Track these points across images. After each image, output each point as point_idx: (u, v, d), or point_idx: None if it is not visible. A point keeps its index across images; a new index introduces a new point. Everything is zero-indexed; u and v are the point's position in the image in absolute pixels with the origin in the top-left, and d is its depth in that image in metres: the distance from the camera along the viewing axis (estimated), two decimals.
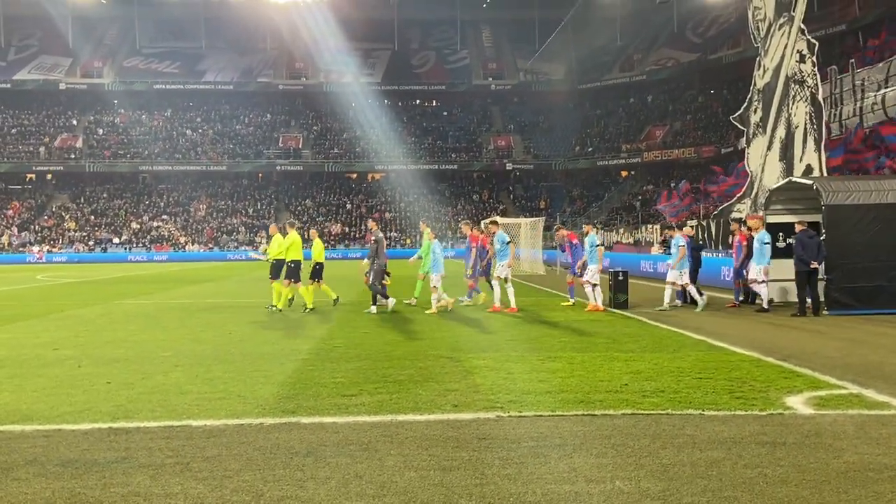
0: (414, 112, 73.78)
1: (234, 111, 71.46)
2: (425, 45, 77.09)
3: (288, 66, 72.62)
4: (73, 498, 4.28)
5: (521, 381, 7.46)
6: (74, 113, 69.75)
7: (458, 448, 5.18)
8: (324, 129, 70.45)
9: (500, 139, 69.80)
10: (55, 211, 63.67)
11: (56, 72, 69.41)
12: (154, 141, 67.19)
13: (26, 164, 64.67)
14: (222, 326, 12.62)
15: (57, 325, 13.14)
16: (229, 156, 66.34)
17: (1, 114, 68.70)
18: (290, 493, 4.35)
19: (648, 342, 10.20)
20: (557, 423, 5.85)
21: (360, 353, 9.42)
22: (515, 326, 12.38)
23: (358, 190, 68.35)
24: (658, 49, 68.85)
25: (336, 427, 5.78)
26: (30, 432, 5.71)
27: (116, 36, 74.17)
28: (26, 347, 10.26)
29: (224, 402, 6.67)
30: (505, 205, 64.82)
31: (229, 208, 64.29)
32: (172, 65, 72.08)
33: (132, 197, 65.64)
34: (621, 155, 63.60)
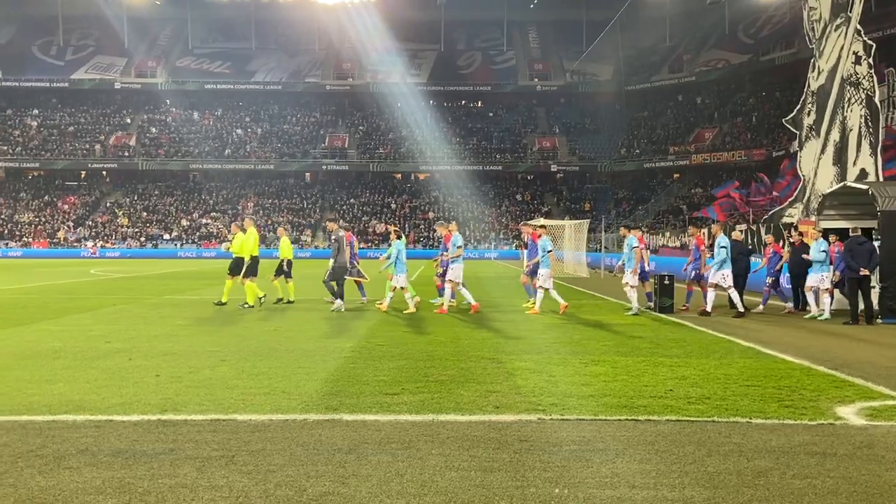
0: (459, 113, 73.85)
1: (282, 111, 72.44)
2: (471, 46, 77.12)
3: (335, 66, 73.36)
4: (123, 487, 4.39)
5: (563, 384, 7.41)
6: (128, 112, 71.50)
7: (500, 450, 5.17)
8: (370, 130, 70.97)
9: (545, 140, 69.44)
10: (108, 207, 65.33)
11: (111, 71, 71.26)
12: (204, 140, 68.51)
13: (82, 161, 66.50)
14: (267, 323, 12.81)
15: (109, 318, 13.49)
16: (277, 155, 67.27)
17: (58, 112, 70.78)
18: (332, 489, 4.39)
19: (694, 347, 10.03)
20: (600, 427, 5.80)
21: (402, 352, 9.47)
22: (558, 329, 12.30)
23: (402, 190, 68.68)
24: (708, 50, 67.72)
25: (378, 425, 5.82)
26: (82, 422, 5.87)
27: (170, 36, 75.85)
28: (80, 340, 10.54)
29: (269, 397, 6.76)
30: (549, 206, 64.47)
31: (276, 207, 65.18)
32: (223, 65, 73.40)
33: (182, 194, 67.00)
34: (668, 157, 62.71)
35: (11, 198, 65.38)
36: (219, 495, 4.28)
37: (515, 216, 62.50)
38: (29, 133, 68.30)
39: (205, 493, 4.30)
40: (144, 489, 4.36)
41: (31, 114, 70.35)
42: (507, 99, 73.87)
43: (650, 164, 64.17)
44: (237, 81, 71.93)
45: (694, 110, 67.48)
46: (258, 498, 4.24)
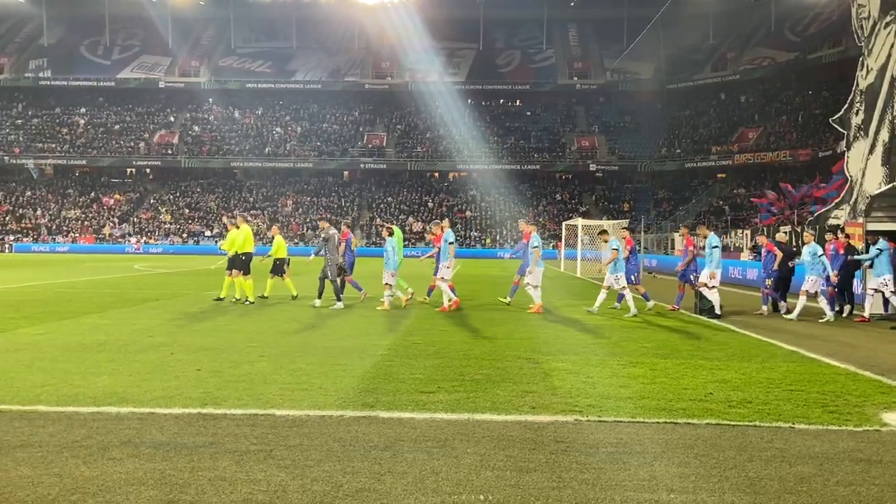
0: (497, 111, 73.69)
1: (321, 110, 73.07)
2: (510, 45, 76.88)
3: (374, 65, 73.75)
4: (164, 479, 4.47)
5: (600, 386, 7.34)
6: (172, 110, 72.80)
7: (535, 450, 5.15)
8: (408, 128, 71.21)
9: (584, 140, 68.93)
10: (152, 204, 66.58)
11: (156, 71, 72.62)
12: (245, 138, 69.43)
13: (127, 158, 67.89)
14: (305, 320, 12.93)
15: (152, 313, 13.75)
16: (316, 153, 67.88)
17: (105, 111, 72.37)
18: (368, 485, 4.41)
19: (736, 350, 9.87)
20: (638, 429, 5.74)
21: (438, 350, 9.48)
22: (596, 330, 12.20)
23: (440, 188, 68.78)
24: (753, 48, 66.55)
25: (414, 423, 5.83)
26: (125, 414, 5.99)
27: (213, 36, 77.03)
28: (124, 333, 10.76)
29: (307, 393, 6.83)
30: (587, 206, 63.98)
31: (314, 205, 65.78)
32: (264, 64, 74.30)
33: (224, 192, 68.00)
34: (711, 157, 61.76)
35: (59, 194, 67.03)
36: (257, 489, 4.33)
37: (553, 216, 62.16)
38: (76, 131, 69.97)
39: (243, 487, 4.35)
40: (185, 481, 4.44)
41: (79, 112, 72.04)
42: (546, 98, 73.47)
43: (691, 164, 63.26)
44: (278, 80, 72.75)
45: (737, 109, 66.36)
46: (295, 492, 4.28)
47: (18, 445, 5.09)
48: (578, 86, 72.97)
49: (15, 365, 8.06)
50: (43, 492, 4.24)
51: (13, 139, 68.19)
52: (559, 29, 76.81)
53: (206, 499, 4.17)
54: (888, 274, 13.49)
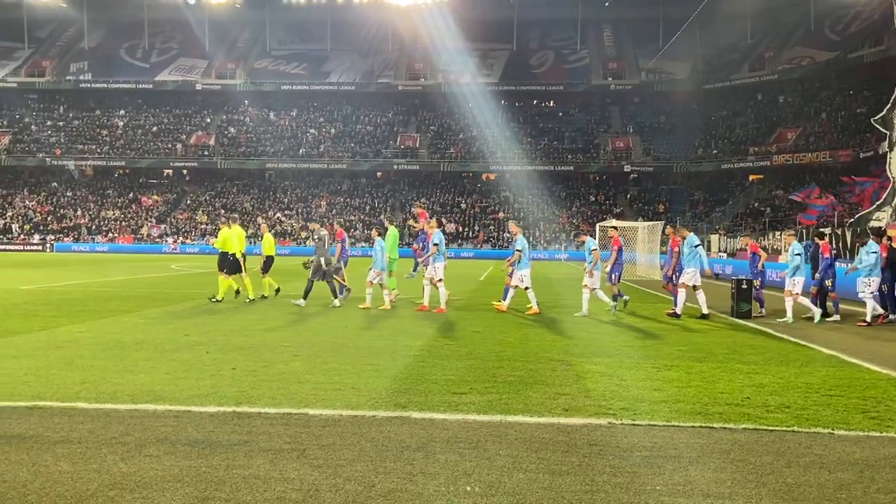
0: (531, 112, 73.44)
1: (355, 111, 73.51)
2: (544, 45, 76.58)
3: (408, 67, 74.00)
4: (199, 476, 4.52)
5: (634, 389, 7.27)
6: (208, 112, 73.83)
7: (568, 453, 5.11)
8: (441, 129, 71.30)
9: (618, 140, 68.37)
10: (189, 204, 67.58)
11: (193, 73, 73.71)
12: (280, 139, 70.15)
13: (164, 159, 69.01)
14: (338, 320, 13.01)
15: (188, 312, 13.95)
16: (349, 154, 68.30)
17: (143, 113, 73.65)
18: (401, 485, 4.42)
19: (773, 355, 9.70)
20: (673, 433, 5.66)
21: (470, 352, 9.47)
22: (629, 332, 12.09)
23: (472, 190, 68.75)
24: (792, 47, 65.43)
25: (446, 424, 5.83)
26: (162, 412, 6.08)
27: (248, 39, 77.96)
28: (161, 332, 10.93)
29: (339, 392, 6.87)
30: (621, 207, 63.46)
31: (347, 205, 66.20)
32: (299, 66, 74.99)
33: (258, 193, 68.77)
34: (748, 158, 60.84)
35: (99, 194, 68.37)
36: (290, 487, 4.36)
37: (587, 217, 61.77)
38: (116, 133, 71.30)
39: (277, 485, 4.39)
40: (220, 479, 4.49)
41: (118, 114, 73.40)
42: (580, 98, 73.04)
43: (728, 165, 62.38)
44: (312, 82, 73.36)
45: (776, 109, 65.28)
46: (328, 491, 4.31)
47: (58, 441, 5.19)
48: (613, 86, 72.40)
49: (56, 362, 8.23)
50: (82, 487, 4.32)
51: (54, 141, 69.72)
52: (594, 29, 76.32)
53: (240, 496, 4.21)
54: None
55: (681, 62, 69.36)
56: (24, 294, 17.54)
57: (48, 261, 40.54)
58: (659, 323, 13.49)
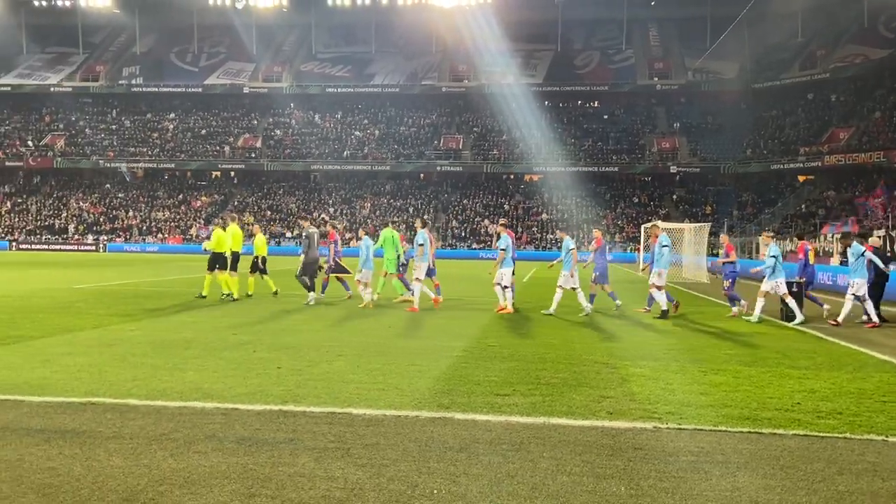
0: (575, 113, 72.91)
1: (398, 113, 73.89)
2: (589, 46, 75.96)
3: (451, 68, 74.11)
4: (246, 473, 4.60)
5: (680, 393, 7.16)
6: (255, 115, 74.98)
7: (613, 456, 5.06)
8: (484, 131, 71.24)
9: (664, 141, 67.44)
10: (236, 206, 68.74)
11: (241, 77, 74.95)
12: (324, 141, 70.88)
13: (213, 162, 70.30)
14: (381, 320, 13.09)
15: (236, 311, 14.18)
16: (393, 156, 68.68)
17: (192, 116, 75.14)
18: (444, 486, 4.43)
19: (825, 359, 9.46)
20: (720, 438, 5.57)
21: (513, 353, 9.44)
22: (675, 336, 11.92)
23: (515, 191, 68.53)
24: (844, 45, 63.73)
25: (489, 425, 5.82)
26: (210, 409, 6.20)
27: (294, 42, 78.97)
28: (209, 331, 11.14)
29: (383, 392, 6.91)
30: (667, 209, 62.59)
31: (391, 206, 66.56)
32: (344, 69, 75.68)
33: (303, 194, 69.58)
34: (798, 158, 59.42)
35: (149, 196, 69.96)
36: (334, 486, 4.41)
37: (631, 218, 61.07)
38: (166, 136, 72.88)
39: (321, 484, 4.44)
40: (266, 476, 4.55)
41: (168, 117, 75.02)
42: (625, 99, 72.24)
43: (777, 166, 61.01)
44: (357, 85, 73.96)
45: (827, 109, 63.64)
46: (371, 491, 4.34)
47: (110, 437, 5.33)
48: (659, 86, 71.43)
49: (108, 359, 8.45)
50: (133, 482, 4.42)
51: (107, 144, 71.56)
52: (639, 28, 75.44)
53: (285, 494, 4.27)
54: (859, 278, 13.54)
55: (729, 61, 68.09)
56: (77, 293, 18.04)
57: (101, 260, 41.64)
58: (706, 326, 13.27)
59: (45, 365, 8.02)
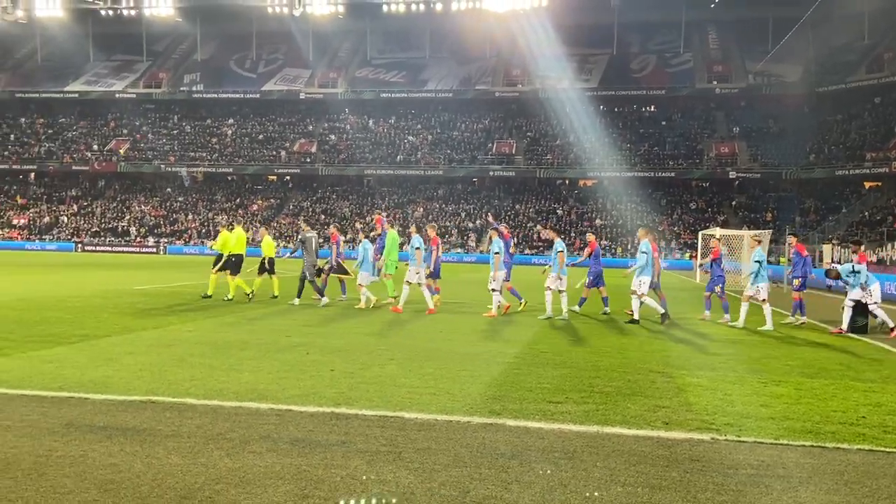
0: (630, 118, 71.98)
1: (451, 118, 74.07)
2: (645, 49, 74.94)
3: (505, 73, 73.97)
4: (300, 475, 4.64)
5: (739, 404, 6.98)
6: (311, 120, 76.11)
7: (669, 467, 4.95)
8: (537, 136, 70.89)
9: (723, 146, 66.03)
10: (291, 210, 69.84)
11: (297, 83, 76.19)
12: (378, 146, 71.50)
13: (269, 166, 71.59)
14: (433, 325, 13.10)
15: (290, 314, 14.38)
16: (446, 161, 68.86)
17: (250, 121, 76.69)
18: (495, 493, 4.39)
19: (892, 371, 9.12)
20: (781, 452, 5.40)
21: (565, 360, 9.34)
22: (735, 345, 11.63)
23: (569, 196, 67.99)
24: None
25: (541, 433, 5.77)
26: (265, 410, 6.29)
27: (350, 49, 79.93)
28: (264, 333, 11.32)
29: (434, 397, 6.91)
30: (725, 215, 61.24)
31: (443, 211, 66.74)
32: (398, 74, 76.26)
33: (357, 198, 70.30)
34: (865, 164, 57.46)
35: (208, 200, 71.61)
36: (386, 489, 4.41)
37: (688, 225, 59.96)
38: (225, 141, 74.52)
39: (373, 487, 4.45)
40: (319, 477, 4.59)
41: (227, 123, 76.70)
42: (683, 103, 71.00)
43: (842, 172, 59.11)
44: (410, 90, 74.43)
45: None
46: (423, 495, 4.33)
47: (169, 435, 5.45)
48: (718, 90, 70.00)
49: (168, 359, 8.65)
50: (190, 480, 4.50)
51: (168, 149, 73.53)
52: (698, 31, 74.08)
53: (337, 496, 4.29)
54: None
55: (791, 64, 66.34)
56: (138, 294, 18.56)
57: (161, 262, 42.77)
58: (766, 336, 12.92)
59: (108, 364, 8.26)
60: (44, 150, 74.03)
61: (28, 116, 78.51)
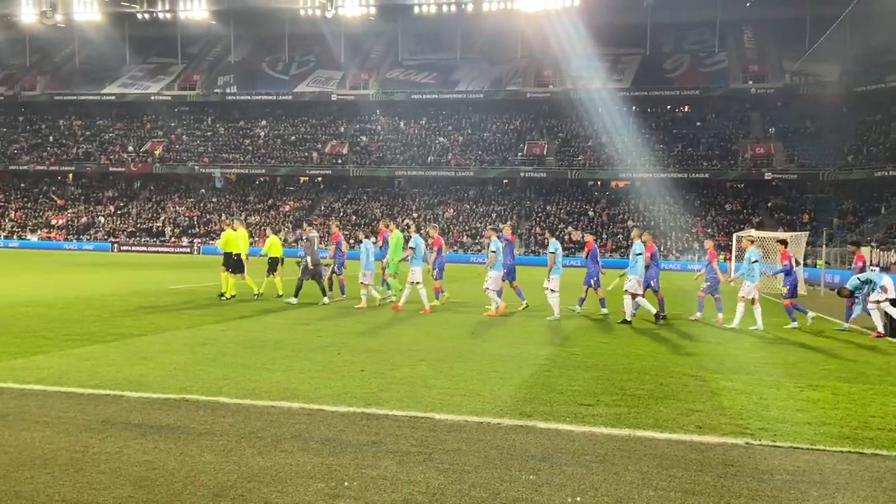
0: (664, 118, 71.25)
1: (482, 119, 73.99)
2: (679, 49, 74.13)
3: (536, 74, 73.70)
4: (330, 474, 4.66)
5: (774, 409, 6.87)
6: (342, 122, 76.58)
7: (702, 472, 4.89)
8: (569, 136, 70.51)
9: (758, 146, 65.04)
10: (322, 211, 70.33)
11: (329, 85, 76.72)
12: (409, 148, 71.69)
13: (301, 167, 72.18)
14: (464, 326, 13.10)
15: (320, 314, 14.48)
16: (476, 162, 68.81)
17: (282, 123, 77.39)
18: (526, 495, 4.37)
19: None
20: (818, 457, 5.30)
21: (597, 362, 9.27)
22: (770, 349, 11.45)
23: (600, 197, 67.51)
24: None
25: (572, 435, 5.73)
26: (296, 409, 6.33)
27: (381, 50, 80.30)
28: (297, 333, 11.41)
29: (465, 399, 6.90)
30: (761, 217, 60.33)
31: (474, 212, 66.69)
32: (429, 75, 76.41)
33: (387, 200, 70.55)
34: None
35: (241, 200, 72.40)
36: (416, 490, 4.42)
37: (723, 227, 59.16)
38: (257, 142, 75.28)
39: (404, 487, 4.46)
40: (349, 477, 4.61)
41: (260, 124, 77.48)
42: (717, 103, 70.08)
43: (882, 173, 57.87)
44: (441, 91, 74.51)
45: None
46: (453, 496, 4.33)
47: (203, 433, 5.51)
48: (753, 90, 68.96)
49: (201, 358, 8.76)
50: (223, 478, 4.55)
51: (202, 150, 74.49)
52: (733, 30, 73.09)
53: (368, 496, 4.31)
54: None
55: (829, 63, 65.11)
56: (172, 293, 18.83)
57: (195, 262, 43.34)
58: (803, 340, 12.70)
59: (144, 362, 8.38)
60: (81, 151, 75.49)
61: (66, 119, 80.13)
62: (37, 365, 8.04)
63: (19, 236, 67.31)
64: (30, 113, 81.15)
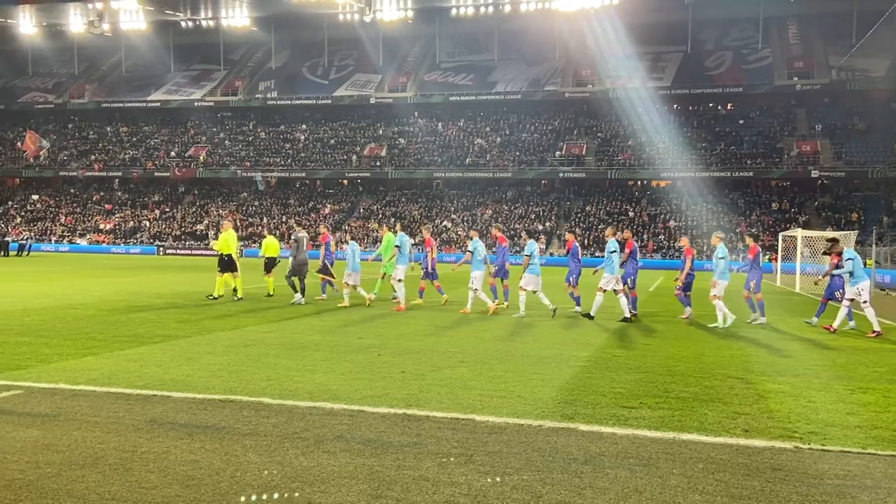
0: (706, 116, 70.18)
1: (520, 120, 73.75)
2: (721, 46, 72.95)
3: (574, 74, 73.21)
4: (372, 475, 4.69)
5: (824, 412, 6.71)
6: (381, 125, 77.04)
7: (749, 476, 4.80)
8: (608, 136, 69.87)
9: (804, 144, 63.65)
10: (361, 213, 70.82)
11: (367, 88, 77.26)
12: (447, 149, 71.77)
13: (340, 170, 72.79)
14: (503, 328, 13.06)
15: (360, 316, 14.57)
16: (515, 163, 68.59)
17: (322, 126, 78.16)
18: (569, 498, 4.34)
19: None
20: (868, 461, 5.17)
21: (639, 364, 9.16)
22: (818, 351, 11.20)
23: (641, 197, 66.74)
24: None
25: (615, 438, 5.67)
26: (338, 410, 6.38)
27: (419, 53, 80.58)
28: (337, 334, 11.50)
29: (505, 400, 6.88)
30: (807, 216, 59.05)
31: (512, 213, 66.48)
32: (467, 77, 76.43)
33: (426, 201, 70.73)
34: None
35: (281, 203, 73.28)
36: (458, 492, 4.41)
37: (768, 226, 58.03)
38: (297, 146, 76.15)
39: (445, 489, 4.46)
40: (391, 478, 4.63)
41: (300, 128, 78.37)
42: (761, 100, 68.77)
43: None
44: (479, 92, 74.45)
45: None
46: (495, 498, 4.31)
47: (247, 433, 5.59)
48: (799, 86, 67.50)
49: (245, 359, 8.88)
50: (267, 478, 4.61)
51: (244, 154, 75.60)
52: (777, 26, 71.67)
53: (410, 497, 4.31)
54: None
55: (878, 58, 63.43)
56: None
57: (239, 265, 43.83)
58: (853, 341, 12.39)
59: (189, 363, 8.53)
60: (128, 157, 77.22)
61: (113, 125, 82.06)
62: (87, 366, 8.24)
63: (69, 240, 69.07)
64: (78, 120, 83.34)
